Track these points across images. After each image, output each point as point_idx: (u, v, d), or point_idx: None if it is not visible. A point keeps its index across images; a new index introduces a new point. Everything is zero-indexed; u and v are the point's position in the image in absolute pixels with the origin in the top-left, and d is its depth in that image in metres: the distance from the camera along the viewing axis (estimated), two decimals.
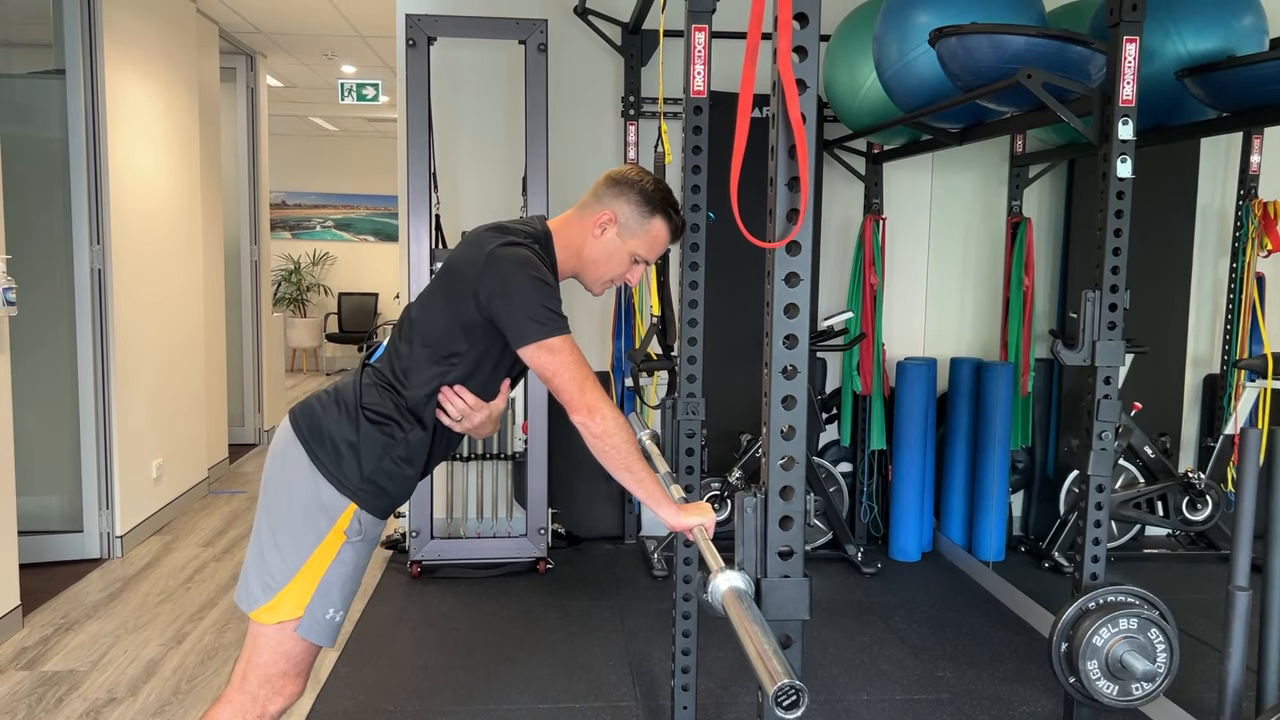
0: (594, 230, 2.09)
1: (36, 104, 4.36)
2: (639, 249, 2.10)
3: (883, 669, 3.42)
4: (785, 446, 1.49)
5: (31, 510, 4.26)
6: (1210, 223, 4.52)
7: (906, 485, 4.57)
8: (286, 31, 6.64)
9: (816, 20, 1.41)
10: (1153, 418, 4.35)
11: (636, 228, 2.09)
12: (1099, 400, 2.61)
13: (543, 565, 4.34)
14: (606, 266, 2.12)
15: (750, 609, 1.41)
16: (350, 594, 2.02)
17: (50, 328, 4.33)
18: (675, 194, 2.15)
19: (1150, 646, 2.56)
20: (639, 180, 2.10)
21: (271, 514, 1.99)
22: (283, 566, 1.95)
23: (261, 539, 1.98)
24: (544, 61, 4.17)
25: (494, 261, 1.93)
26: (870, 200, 4.67)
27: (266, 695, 1.97)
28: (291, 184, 11.77)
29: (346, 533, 1.96)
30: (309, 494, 1.95)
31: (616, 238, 2.09)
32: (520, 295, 1.91)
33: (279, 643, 1.96)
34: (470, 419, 2.03)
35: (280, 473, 2.00)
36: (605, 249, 2.10)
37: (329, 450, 1.96)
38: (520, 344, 1.92)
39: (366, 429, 1.97)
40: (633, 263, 2.13)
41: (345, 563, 1.98)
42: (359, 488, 1.96)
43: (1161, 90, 3.07)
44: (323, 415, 1.99)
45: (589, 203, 2.12)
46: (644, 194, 2.08)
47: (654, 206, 2.08)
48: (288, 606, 1.95)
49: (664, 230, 2.11)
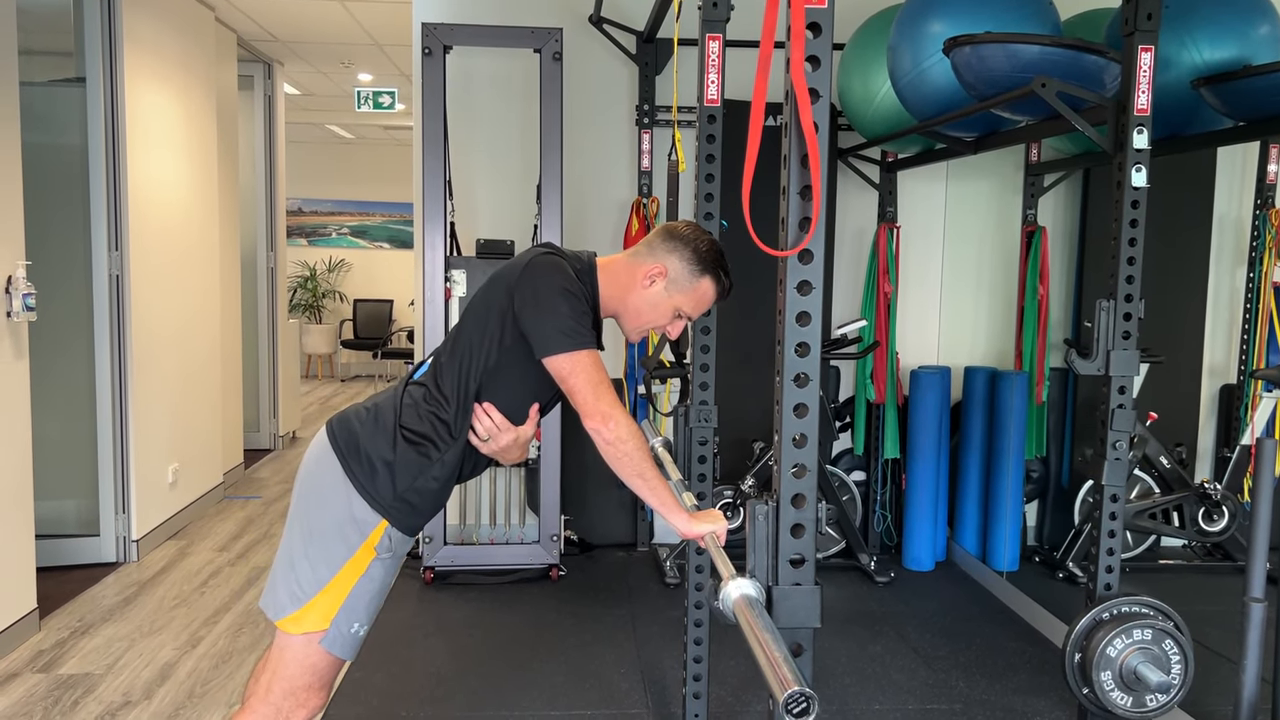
0: (643, 280, 2.09)
1: (57, 112, 4.40)
2: (684, 305, 2.11)
3: (895, 679, 3.41)
4: (797, 454, 1.49)
5: (49, 514, 4.30)
6: (1227, 232, 4.50)
7: (920, 494, 4.55)
8: (304, 40, 6.69)
9: (829, 29, 1.42)
10: (1168, 428, 4.32)
11: (685, 284, 2.09)
12: (1114, 410, 2.60)
13: (555, 572, 4.35)
14: (650, 316, 2.12)
15: (761, 617, 1.41)
16: (375, 609, 2.04)
17: (69, 333, 4.36)
18: (689, 202, 2.16)
19: (1165, 658, 2.54)
20: (694, 238, 2.10)
21: (304, 524, 2.00)
22: (312, 578, 1.96)
23: (292, 548, 2.00)
24: (559, 70, 4.18)
25: (531, 269, 1.97)
26: (884, 209, 4.67)
27: (290, 707, 1.98)
28: (308, 191, 11.83)
29: (377, 549, 1.98)
30: (342, 507, 1.97)
31: (664, 291, 2.09)
32: (550, 305, 1.94)
33: (305, 655, 1.97)
34: (497, 440, 2.04)
35: (315, 484, 2.01)
36: (651, 300, 2.10)
37: (365, 466, 1.97)
38: (544, 353, 1.94)
39: (403, 449, 1.98)
40: (675, 317, 2.13)
41: (374, 579, 2.00)
42: (392, 505, 1.98)
43: (1177, 99, 3.06)
44: (360, 431, 2.01)
45: (642, 252, 2.12)
46: (697, 252, 2.09)
47: (705, 266, 2.09)
48: (314, 618, 1.96)
49: (711, 290, 2.11)
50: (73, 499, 4.51)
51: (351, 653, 2.02)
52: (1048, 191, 4.63)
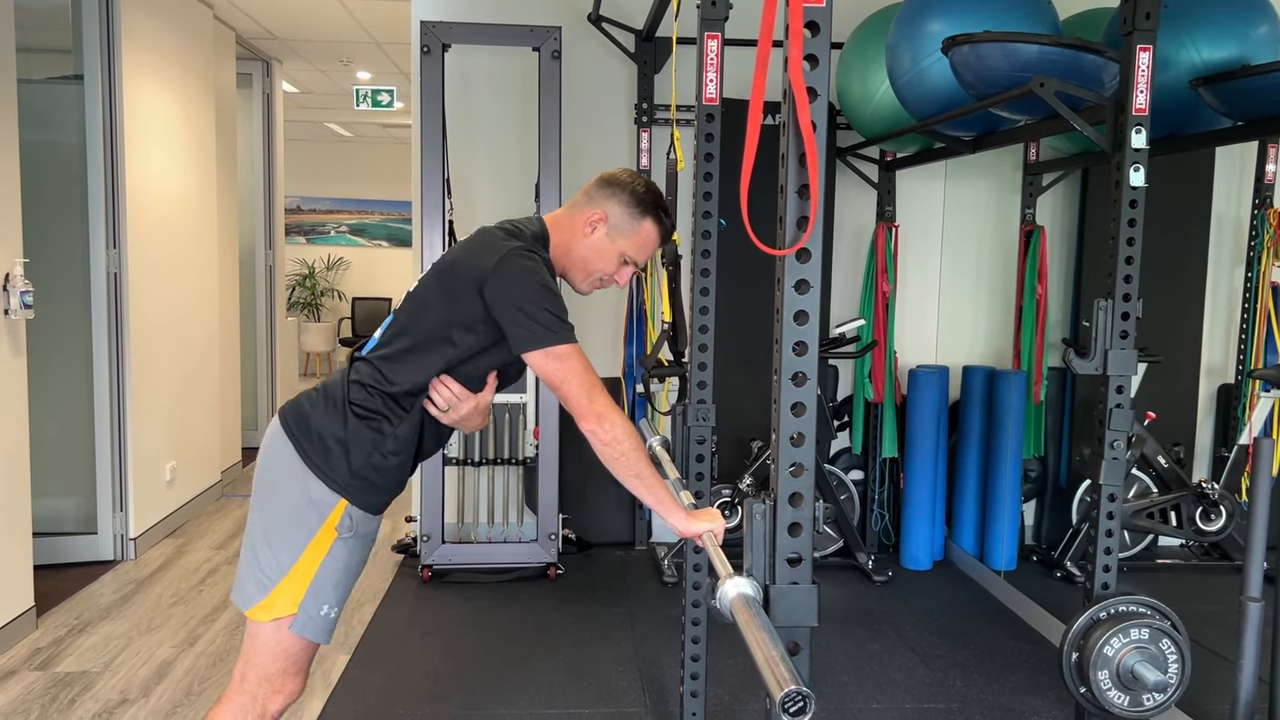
0: (585, 229, 2.10)
1: (55, 109, 4.40)
2: (628, 250, 2.12)
3: (893, 677, 3.41)
4: (794, 453, 1.49)
5: (46, 512, 4.29)
6: (1225, 232, 4.51)
7: (918, 493, 4.56)
8: (302, 38, 6.68)
9: (828, 28, 1.42)
10: (1166, 427, 4.33)
11: (626, 228, 2.10)
12: (1111, 409, 2.60)
13: (553, 571, 4.35)
14: (597, 264, 2.13)
15: (758, 616, 1.41)
16: (345, 590, 2.03)
17: (67, 331, 4.36)
18: (687, 201, 2.16)
19: (1162, 657, 2.55)
20: (630, 182, 2.12)
21: (263, 512, 2.00)
22: (275, 564, 1.96)
23: (254, 537, 2.00)
24: (557, 68, 4.18)
25: (504, 266, 1.94)
26: (883, 208, 4.67)
27: (266, 694, 1.98)
28: (306, 189, 11.83)
29: (338, 529, 1.97)
30: (299, 491, 1.96)
31: (606, 237, 2.10)
32: (528, 301, 1.92)
33: (276, 641, 1.97)
34: (457, 409, 2.03)
35: (270, 471, 2.01)
36: (594, 248, 2.11)
37: (317, 447, 1.96)
38: (525, 349, 1.93)
39: (354, 424, 1.97)
40: (621, 263, 2.14)
41: (338, 559, 1.98)
42: (349, 483, 1.97)
43: (1176, 99, 3.06)
44: (311, 412, 2.00)
45: (580, 202, 2.14)
46: (635, 195, 2.10)
47: (644, 208, 2.10)
48: (282, 603, 1.96)
49: (654, 232, 2.13)
50: (71, 497, 4.51)
51: (324, 635, 2.01)
52: (1046, 191, 4.63)
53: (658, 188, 2.16)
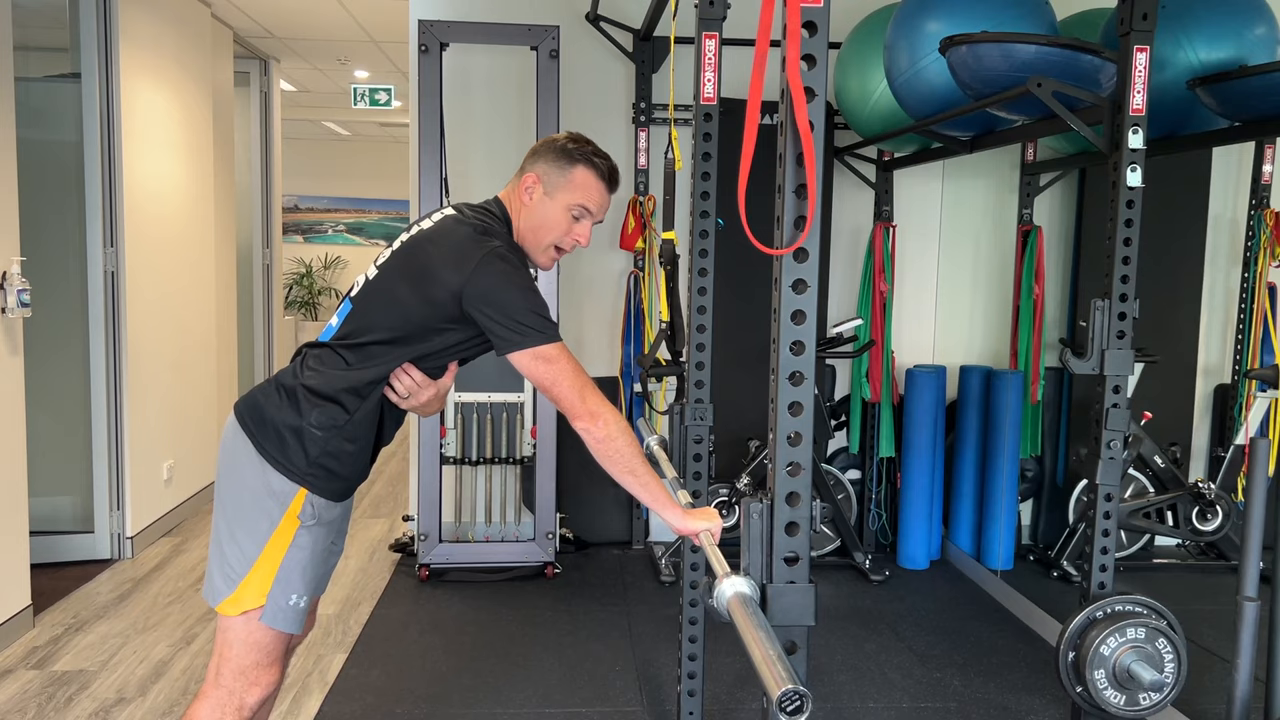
0: (523, 198, 2.10)
1: (53, 108, 4.39)
2: (569, 199, 2.08)
3: (890, 677, 3.41)
4: (792, 452, 1.50)
5: (43, 511, 4.29)
6: (1222, 232, 4.51)
7: (915, 493, 4.56)
8: (300, 37, 6.68)
9: (825, 28, 1.42)
10: (1163, 427, 4.33)
11: (560, 180, 2.08)
12: (1108, 409, 2.61)
13: (550, 570, 4.35)
14: (545, 230, 2.09)
15: (755, 615, 1.41)
16: (314, 579, 2.03)
17: (64, 329, 4.36)
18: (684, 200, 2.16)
19: (1158, 656, 2.55)
20: (554, 140, 2.12)
21: (225, 507, 2.01)
22: (240, 557, 1.97)
23: (220, 533, 2.01)
24: (555, 68, 4.18)
25: (482, 270, 1.92)
26: (880, 207, 4.67)
27: (243, 687, 1.98)
28: (304, 188, 11.82)
29: (300, 517, 1.97)
30: (259, 483, 1.96)
31: (545, 197, 2.08)
32: (510, 304, 1.91)
33: (247, 634, 1.98)
34: (417, 396, 2.03)
35: (230, 466, 2.01)
36: (538, 214, 2.09)
37: (273, 438, 1.96)
38: (510, 351, 1.92)
39: (309, 413, 1.96)
40: (573, 220, 2.10)
41: (303, 548, 1.99)
42: (307, 472, 1.97)
43: (1173, 99, 3.07)
44: (265, 403, 1.99)
45: (515, 176, 2.14)
46: (558, 149, 2.09)
47: (571, 156, 2.08)
48: (250, 596, 1.96)
49: (589, 175, 2.09)
50: (68, 495, 4.51)
51: (294, 625, 2.01)
52: (1043, 191, 4.64)
53: (585, 136, 2.14)
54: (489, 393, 4.34)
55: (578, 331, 4.75)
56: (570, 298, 4.69)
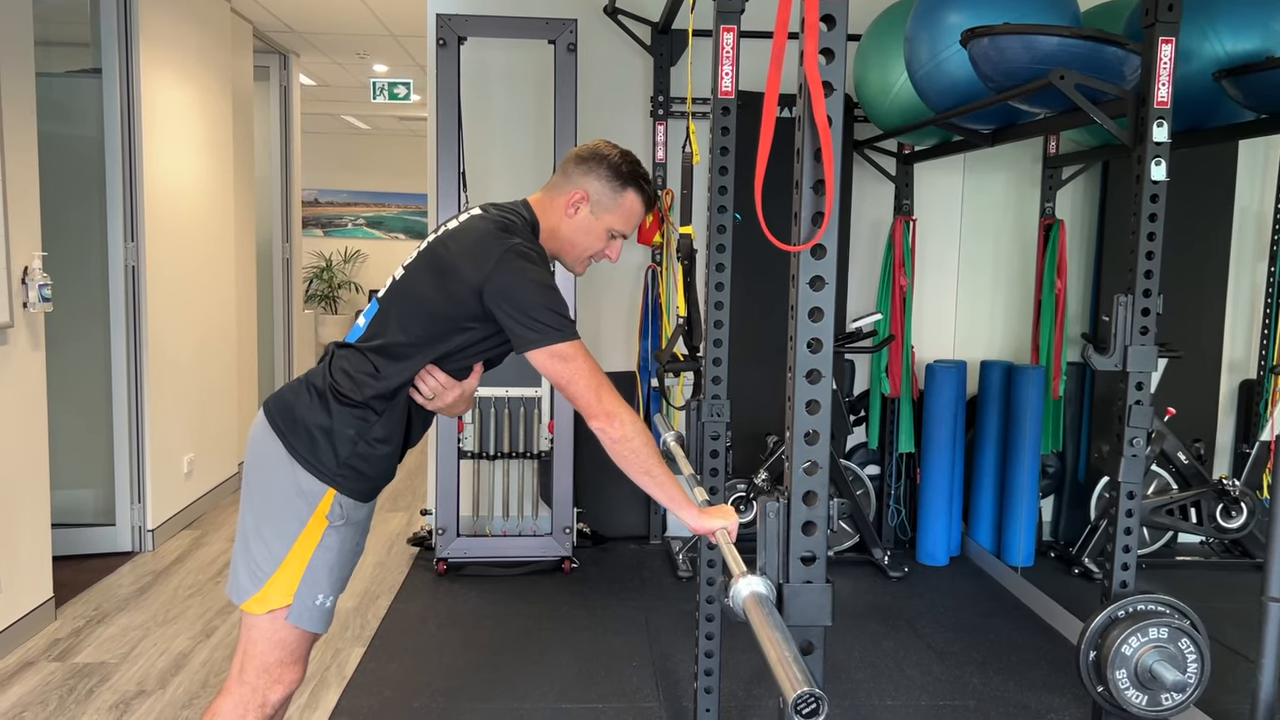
0: (567, 210, 2.09)
1: (74, 103, 4.42)
2: (615, 224, 2.10)
3: (908, 674, 3.39)
4: (809, 451, 1.48)
5: (65, 503, 4.32)
6: (1248, 226, 4.45)
7: (935, 489, 4.53)
8: (319, 31, 6.69)
9: (844, 22, 1.40)
10: (1187, 423, 4.28)
11: (610, 203, 2.08)
12: (1130, 406, 2.57)
13: (568, 564, 4.35)
14: (585, 243, 2.11)
15: (771, 615, 1.40)
16: (340, 579, 2.03)
17: (85, 323, 4.38)
18: (701, 195, 2.14)
19: (1181, 656, 2.52)
20: (607, 154, 2.09)
21: (253, 505, 2.01)
22: (268, 555, 1.97)
23: (246, 530, 2.01)
24: (573, 61, 4.17)
25: (502, 266, 1.91)
26: (900, 201, 4.64)
27: (266, 685, 1.99)
28: (324, 182, 11.86)
29: (329, 517, 1.97)
30: (288, 482, 1.96)
31: (590, 215, 2.08)
32: (528, 301, 1.90)
33: (272, 632, 1.98)
34: (443, 397, 2.03)
35: (259, 464, 2.01)
36: (580, 228, 2.09)
37: (303, 437, 1.96)
38: (528, 349, 1.91)
39: (339, 413, 1.96)
40: (610, 238, 2.11)
41: (330, 548, 1.99)
42: (336, 473, 1.97)
43: (1198, 92, 3.02)
44: (295, 402, 1.99)
45: (558, 183, 2.12)
46: (613, 168, 2.07)
47: (625, 180, 2.08)
48: (277, 595, 1.97)
49: (637, 202, 2.10)
50: (89, 488, 4.54)
51: (321, 625, 2.02)
52: (1066, 184, 4.59)
53: (634, 155, 2.13)
54: (506, 387, 4.34)
55: (595, 325, 4.74)
56: (588, 292, 4.68)
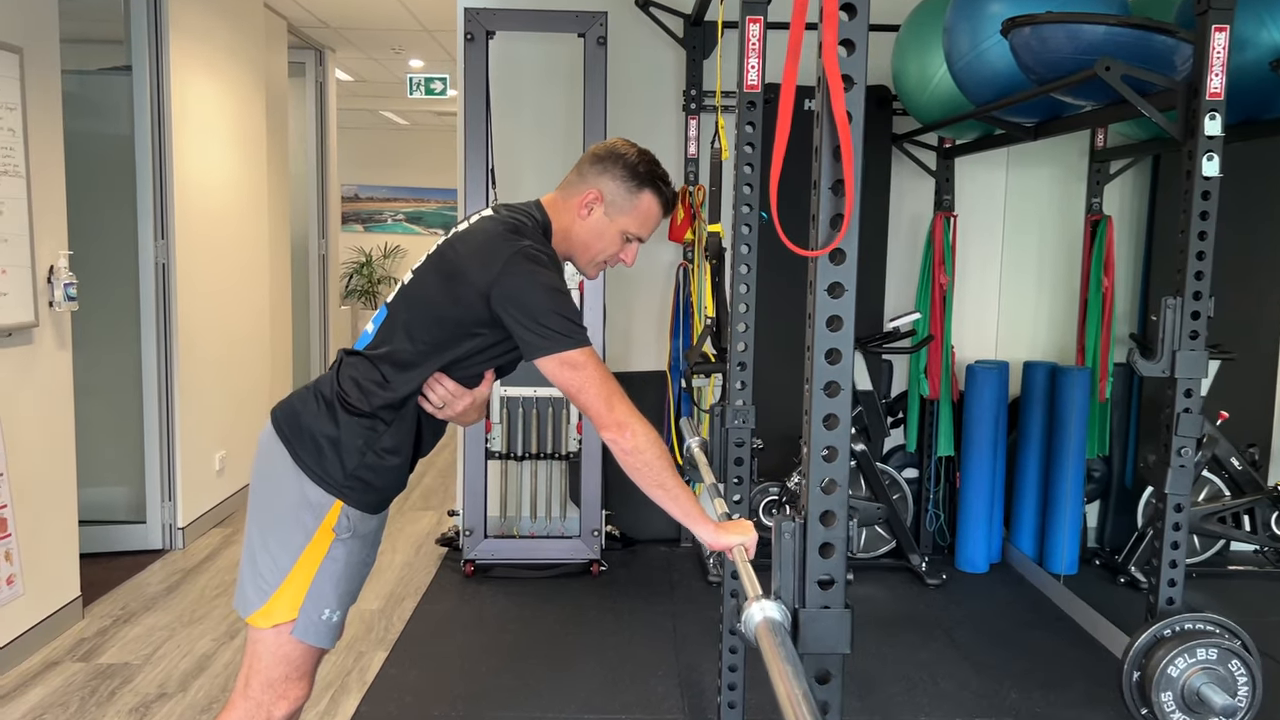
0: (580, 211, 1.99)
1: (108, 100, 4.42)
2: (630, 227, 1.99)
3: (943, 688, 3.28)
4: (827, 469, 1.39)
5: (97, 500, 4.33)
6: None
7: (975, 493, 4.40)
8: (354, 26, 6.68)
9: (865, 11, 1.31)
10: (1241, 427, 4.11)
11: (625, 205, 1.98)
12: (1179, 414, 2.45)
13: (596, 567, 4.28)
14: (599, 246, 2.01)
15: (784, 646, 1.31)
16: (347, 593, 1.97)
17: (116, 321, 4.39)
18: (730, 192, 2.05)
19: (1231, 679, 2.39)
20: (624, 153, 1.99)
21: (259, 516, 1.95)
22: (273, 568, 1.90)
23: (252, 542, 1.95)
24: (603, 54, 4.09)
25: (510, 269, 1.84)
26: (941, 196, 4.50)
27: (270, 700, 1.93)
28: (363, 178, 11.90)
29: (335, 530, 1.90)
30: (295, 493, 1.90)
31: (605, 217, 1.98)
32: (537, 306, 1.82)
33: (277, 647, 1.92)
34: (453, 406, 1.96)
35: (265, 473, 1.95)
36: (594, 229, 1.99)
37: (310, 448, 1.90)
38: (537, 356, 1.83)
39: (346, 422, 1.90)
40: (625, 241, 2.01)
41: (337, 560, 1.92)
42: (344, 484, 1.90)
43: (1254, 82, 2.87)
44: (302, 411, 1.93)
45: (573, 181, 2.02)
46: (630, 168, 1.97)
47: (641, 181, 1.97)
48: (282, 609, 1.90)
49: (654, 205, 2.00)
50: (121, 486, 4.55)
51: (327, 640, 1.95)
52: (1114, 179, 4.43)
53: (652, 155, 2.03)
54: (534, 387, 4.27)
55: (626, 324, 4.66)
56: (618, 290, 4.60)
